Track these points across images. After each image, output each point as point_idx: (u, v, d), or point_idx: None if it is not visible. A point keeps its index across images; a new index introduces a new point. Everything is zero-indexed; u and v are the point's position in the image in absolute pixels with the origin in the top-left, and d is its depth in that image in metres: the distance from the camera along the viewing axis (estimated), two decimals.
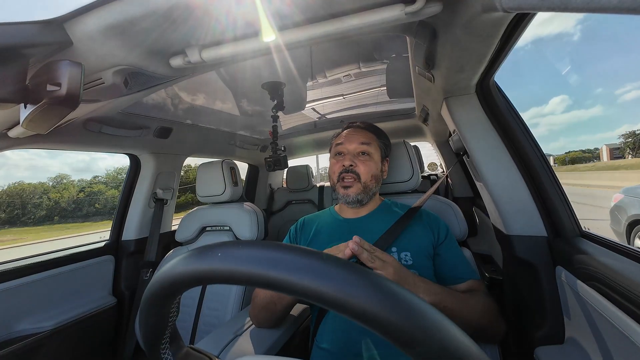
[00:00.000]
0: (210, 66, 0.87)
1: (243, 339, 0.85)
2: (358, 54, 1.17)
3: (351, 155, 0.90)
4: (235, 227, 1.37)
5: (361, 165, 0.89)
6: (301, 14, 0.64)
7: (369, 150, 0.91)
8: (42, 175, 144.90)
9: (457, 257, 0.83)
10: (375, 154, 0.92)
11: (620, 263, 0.57)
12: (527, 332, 0.82)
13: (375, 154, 0.92)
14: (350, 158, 0.89)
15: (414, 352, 0.21)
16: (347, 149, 0.92)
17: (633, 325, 0.48)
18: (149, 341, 0.34)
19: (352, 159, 0.89)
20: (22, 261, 1.22)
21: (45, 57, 0.59)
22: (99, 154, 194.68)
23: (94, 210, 44.03)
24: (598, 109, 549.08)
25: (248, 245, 0.26)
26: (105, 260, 1.48)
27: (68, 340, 1.21)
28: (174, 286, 0.28)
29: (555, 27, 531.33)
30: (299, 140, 2.42)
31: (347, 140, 0.93)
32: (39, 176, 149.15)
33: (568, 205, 0.81)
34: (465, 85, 0.90)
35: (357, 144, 0.91)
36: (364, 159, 0.90)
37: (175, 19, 0.60)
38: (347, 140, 0.93)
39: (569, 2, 0.34)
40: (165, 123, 1.48)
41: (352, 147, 0.91)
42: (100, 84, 0.76)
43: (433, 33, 0.70)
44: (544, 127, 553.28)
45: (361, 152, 0.91)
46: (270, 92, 1.37)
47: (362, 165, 0.89)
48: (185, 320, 1.22)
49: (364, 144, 0.91)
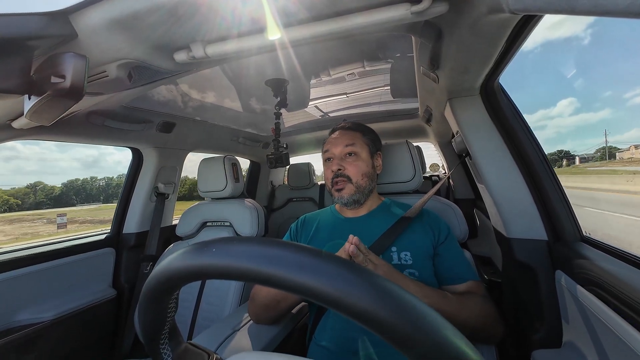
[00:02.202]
0: (215, 62, 0.86)
1: (241, 334, 0.85)
2: (362, 52, 1.16)
3: (338, 159, 0.92)
4: (235, 223, 1.37)
5: (349, 166, 0.90)
6: (306, 12, 0.64)
7: (355, 150, 0.92)
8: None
9: (457, 258, 0.83)
10: (362, 152, 0.92)
11: (621, 269, 0.57)
12: (525, 335, 0.82)
13: (362, 151, 0.93)
14: (337, 162, 0.91)
15: (411, 352, 0.21)
16: (333, 153, 0.93)
17: (632, 332, 0.48)
18: (148, 336, 0.34)
19: (340, 162, 0.91)
20: (24, 251, 1.23)
21: (50, 49, 0.59)
22: (107, 149, 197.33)
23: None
24: (606, 112, 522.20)
25: (242, 241, 0.26)
26: (106, 253, 1.49)
27: (67, 331, 1.22)
28: (171, 282, 0.28)
29: (564, 32, 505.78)
30: (301, 138, 2.42)
31: (333, 144, 0.94)
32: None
33: (570, 209, 0.81)
34: (470, 87, 0.90)
35: (342, 146, 0.92)
36: (351, 159, 0.91)
37: (181, 15, 0.60)
38: (332, 145, 0.94)
39: (576, 5, 0.34)
40: (168, 118, 1.48)
41: (337, 151, 0.92)
42: (104, 77, 0.76)
43: (438, 33, 0.70)
44: (551, 129, 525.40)
45: (347, 153, 0.92)
46: (273, 89, 1.37)
47: (350, 167, 0.90)
48: (184, 315, 1.22)
49: (348, 145, 0.92)
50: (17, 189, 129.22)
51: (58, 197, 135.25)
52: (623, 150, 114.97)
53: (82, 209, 71.67)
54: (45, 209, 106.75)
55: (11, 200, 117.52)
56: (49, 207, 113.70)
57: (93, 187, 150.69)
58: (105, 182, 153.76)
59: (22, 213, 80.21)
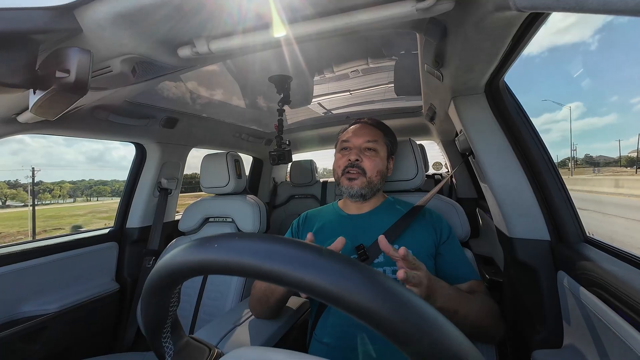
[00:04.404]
0: (219, 58, 0.86)
1: (242, 329, 0.86)
2: (367, 49, 1.16)
3: (357, 150, 0.90)
4: (237, 219, 1.38)
5: (367, 160, 0.89)
6: (312, 8, 0.64)
7: (376, 147, 0.91)
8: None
9: (458, 257, 0.82)
10: (381, 150, 0.92)
11: (624, 271, 0.57)
12: (525, 335, 0.82)
13: (382, 150, 0.92)
14: (356, 152, 0.90)
15: (410, 350, 0.21)
16: (353, 144, 0.92)
17: (634, 334, 0.48)
18: (150, 329, 0.35)
19: (358, 153, 0.90)
20: (29, 244, 1.24)
21: (54, 43, 0.59)
22: (112, 144, 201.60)
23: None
24: (612, 117, 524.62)
25: (245, 237, 0.26)
26: (109, 247, 1.50)
27: (71, 323, 1.23)
28: (173, 276, 0.29)
29: (571, 37, 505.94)
30: (304, 135, 2.41)
31: (354, 135, 0.93)
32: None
33: (573, 210, 0.80)
34: (474, 85, 0.89)
35: (363, 140, 0.91)
36: (370, 154, 0.90)
37: (187, 11, 0.60)
38: (354, 136, 0.93)
39: (585, 2, 0.33)
40: (172, 113, 1.48)
41: (358, 143, 0.91)
42: (108, 72, 0.76)
43: (443, 31, 0.69)
44: (556, 132, 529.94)
45: (367, 148, 0.91)
46: (277, 86, 1.37)
47: (367, 161, 0.89)
48: (186, 309, 1.24)
49: (370, 141, 0.91)
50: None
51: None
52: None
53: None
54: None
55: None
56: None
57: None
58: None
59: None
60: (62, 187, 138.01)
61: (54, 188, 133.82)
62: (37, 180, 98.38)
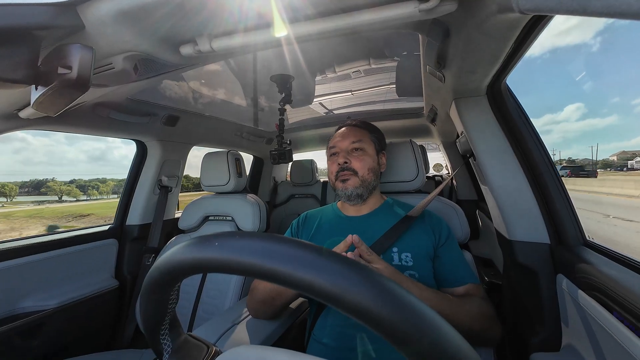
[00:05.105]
0: (220, 56, 0.86)
1: (240, 328, 0.86)
2: (369, 50, 1.16)
3: (345, 153, 0.92)
4: (237, 217, 1.38)
5: (355, 160, 0.90)
6: (313, 8, 0.64)
7: (362, 146, 0.92)
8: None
9: (457, 260, 0.82)
10: (369, 148, 0.93)
11: (623, 275, 0.57)
12: (524, 338, 0.82)
13: (369, 148, 0.93)
14: (344, 155, 0.91)
15: (408, 350, 0.21)
16: (340, 148, 0.94)
17: (633, 338, 0.48)
18: (149, 326, 0.35)
19: (346, 156, 0.91)
20: (28, 240, 1.24)
21: (57, 40, 0.59)
22: (113, 143, 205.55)
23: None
24: (614, 118, 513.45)
25: (244, 236, 0.26)
26: (109, 244, 1.50)
27: (70, 320, 1.24)
28: (173, 274, 0.29)
29: (573, 39, 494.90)
30: (305, 135, 2.41)
31: (341, 139, 0.95)
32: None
33: (573, 213, 0.80)
34: (476, 87, 0.89)
35: (349, 142, 0.93)
36: (357, 154, 0.91)
37: (189, 9, 0.60)
38: (340, 140, 0.95)
39: (588, 6, 0.33)
40: (173, 111, 1.49)
41: (344, 145, 0.93)
42: (110, 69, 0.76)
43: (446, 32, 0.69)
44: (557, 133, 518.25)
45: (354, 149, 0.92)
46: (278, 85, 1.37)
47: (356, 161, 0.90)
48: (185, 307, 1.24)
49: (355, 141, 0.92)
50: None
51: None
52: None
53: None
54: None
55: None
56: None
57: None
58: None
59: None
60: (107, 184, 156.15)
61: (100, 185, 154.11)
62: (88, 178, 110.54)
